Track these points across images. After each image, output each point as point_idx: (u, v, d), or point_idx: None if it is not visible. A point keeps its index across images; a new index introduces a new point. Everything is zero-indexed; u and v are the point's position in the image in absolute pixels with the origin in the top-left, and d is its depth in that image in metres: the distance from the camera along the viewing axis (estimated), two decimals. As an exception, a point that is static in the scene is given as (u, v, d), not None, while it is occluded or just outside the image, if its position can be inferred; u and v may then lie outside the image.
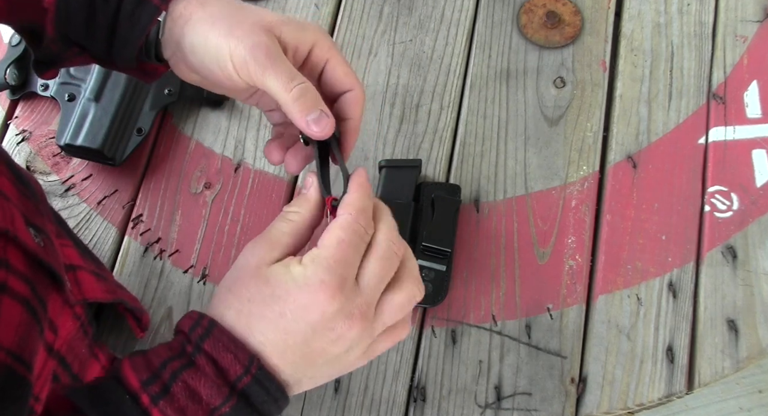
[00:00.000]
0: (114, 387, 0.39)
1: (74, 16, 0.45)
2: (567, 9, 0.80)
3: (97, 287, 0.58)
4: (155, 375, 0.39)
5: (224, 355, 0.39)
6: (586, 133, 0.75)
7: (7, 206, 0.42)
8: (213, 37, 0.42)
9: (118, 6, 0.44)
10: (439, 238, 0.67)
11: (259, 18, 0.43)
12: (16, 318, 0.39)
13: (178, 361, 0.39)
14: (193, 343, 0.40)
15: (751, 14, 0.80)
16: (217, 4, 0.44)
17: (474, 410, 0.66)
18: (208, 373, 0.39)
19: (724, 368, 0.67)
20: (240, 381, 0.39)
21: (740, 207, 0.72)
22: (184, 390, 0.38)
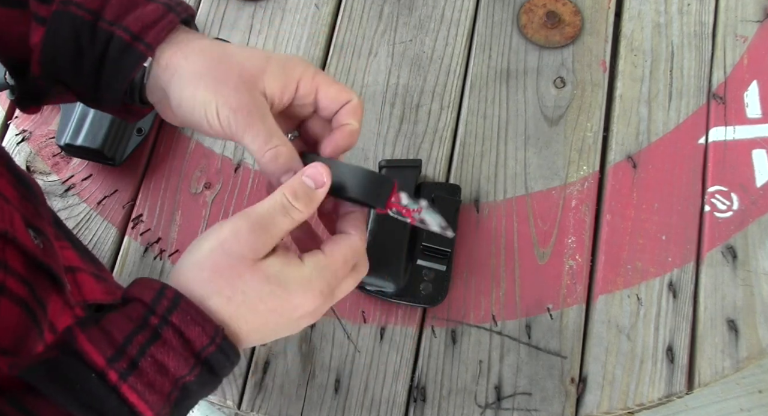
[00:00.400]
0: (75, 365, 0.38)
1: (60, 57, 0.45)
2: (567, 9, 0.80)
3: (97, 288, 0.58)
4: (121, 351, 0.38)
5: (192, 328, 0.39)
6: (586, 133, 0.75)
7: (6, 208, 0.42)
8: (200, 94, 0.43)
9: (105, 49, 0.44)
10: (439, 238, 0.67)
11: (241, 71, 0.44)
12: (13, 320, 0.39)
13: (143, 335, 0.39)
14: (159, 316, 0.39)
15: (751, 14, 0.80)
16: (200, 56, 0.44)
17: (474, 410, 0.66)
18: (175, 346, 0.39)
19: (724, 368, 0.67)
20: (205, 350, 0.40)
21: (740, 207, 0.72)
22: (152, 365, 0.38)
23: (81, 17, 0.44)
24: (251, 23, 0.80)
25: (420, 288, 0.67)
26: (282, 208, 0.42)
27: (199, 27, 0.80)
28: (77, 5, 0.44)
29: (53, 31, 0.44)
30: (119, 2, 0.44)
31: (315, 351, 0.67)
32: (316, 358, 0.67)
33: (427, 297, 0.67)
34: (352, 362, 0.67)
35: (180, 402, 0.40)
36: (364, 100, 0.77)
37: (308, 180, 0.43)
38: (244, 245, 0.41)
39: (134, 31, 0.44)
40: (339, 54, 0.79)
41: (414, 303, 0.68)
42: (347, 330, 0.68)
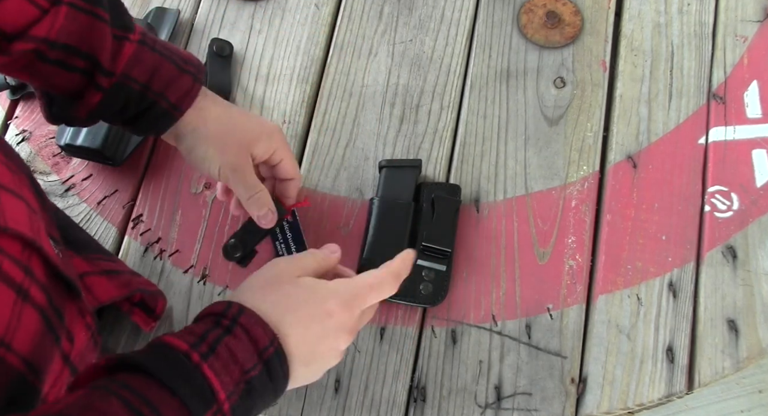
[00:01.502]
0: (166, 349, 0.45)
1: (108, 111, 0.57)
2: (567, 9, 0.80)
3: (110, 286, 0.59)
4: (201, 339, 0.46)
5: (256, 328, 0.48)
6: (586, 133, 0.75)
7: (34, 217, 0.46)
8: (210, 153, 0.60)
9: (146, 110, 0.57)
10: (439, 238, 0.68)
11: (241, 139, 0.61)
12: (33, 327, 0.41)
13: (217, 331, 0.47)
14: (229, 318, 0.48)
15: (751, 14, 0.80)
16: (214, 123, 0.60)
17: (474, 410, 0.66)
18: (243, 341, 0.47)
19: (724, 368, 0.67)
20: (266, 351, 0.47)
21: (740, 207, 0.72)
22: (226, 352, 0.46)
23: (133, 88, 0.56)
24: (251, 23, 0.80)
25: (420, 288, 0.67)
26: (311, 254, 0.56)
27: (198, 27, 0.80)
28: (132, 79, 0.55)
29: (110, 97, 0.55)
30: (162, 77, 0.57)
31: (315, 351, 0.67)
32: (316, 358, 0.67)
33: (427, 297, 0.67)
34: (352, 362, 0.67)
35: (245, 396, 0.46)
36: (365, 100, 0.77)
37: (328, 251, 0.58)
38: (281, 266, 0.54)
39: (172, 101, 0.58)
40: (339, 54, 0.79)
41: (414, 303, 0.68)
42: (347, 330, 0.68)
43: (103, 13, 0.53)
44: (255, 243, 0.68)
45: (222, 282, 0.70)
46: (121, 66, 0.55)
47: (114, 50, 0.54)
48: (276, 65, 0.78)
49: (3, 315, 0.39)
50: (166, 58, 0.57)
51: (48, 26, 0.51)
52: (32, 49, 0.51)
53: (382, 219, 0.69)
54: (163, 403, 0.42)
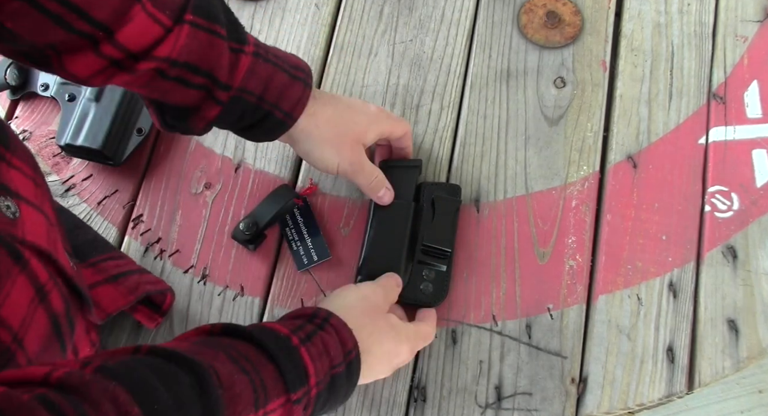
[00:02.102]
0: (268, 329, 0.50)
1: (225, 123, 0.59)
2: (567, 9, 0.80)
3: (117, 294, 0.60)
4: (299, 328, 0.51)
5: (344, 331, 0.54)
6: (587, 133, 0.75)
7: (51, 231, 0.47)
8: (326, 154, 0.64)
9: (261, 120, 0.59)
10: (440, 238, 0.67)
11: (354, 135, 0.64)
12: (42, 331, 0.42)
13: (311, 326, 0.52)
14: (321, 318, 0.54)
15: (751, 14, 0.80)
16: (326, 126, 0.63)
17: (474, 410, 0.66)
18: (334, 338, 0.52)
19: (725, 368, 0.67)
20: (350, 353, 0.53)
21: (740, 207, 0.72)
22: (320, 342, 0.51)
23: (249, 101, 0.57)
24: (251, 23, 0.80)
25: (420, 288, 0.67)
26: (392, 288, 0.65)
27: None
28: (249, 92, 0.57)
29: (228, 110, 0.57)
30: (276, 87, 0.58)
31: (315, 351, 0.67)
32: (316, 358, 0.67)
33: (428, 297, 0.67)
34: (353, 362, 0.67)
35: (328, 388, 0.51)
36: (365, 100, 0.77)
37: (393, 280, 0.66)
38: (380, 300, 0.61)
39: (286, 110, 0.59)
40: (339, 54, 0.79)
41: (414, 303, 0.68)
42: (347, 330, 0.68)
43: (221, 29, 0.54)
44: (265, 227, 0.68)
45: (222, 282, 0.70)
46: (239, 80, 0.56)
47: (231, 64, 0.55)
48: (276, 65, 0.78)
49: (20, 309, 0.40)
50: (278, 68, 0.59)
51: (171, 46, 0.51)
52: (155, 68, 0.52)
53: (382, 219, 0.69)
54: (265, 369, 0.46)
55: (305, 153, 0.64)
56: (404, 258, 0.67)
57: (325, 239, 0.71)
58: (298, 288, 0.70)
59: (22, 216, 0.43)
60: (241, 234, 0.68)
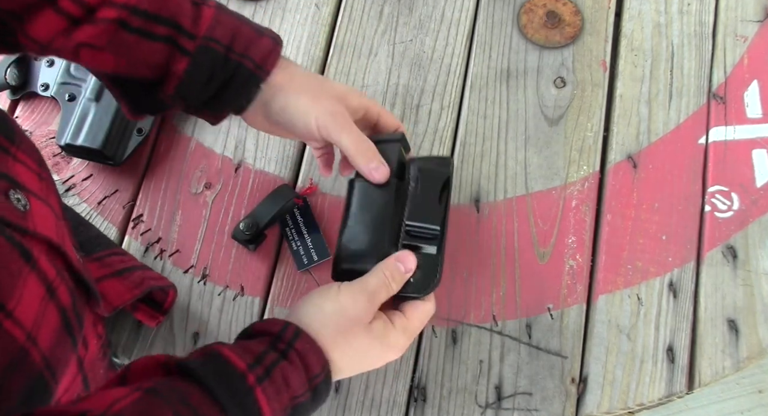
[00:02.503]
0: (224, 364, 0.46)
1: (196, 82, 0.55)
2: (567, 9, 0.80)
3: (123, 289, 0.60)
4: (258, 361, 0.47)
5: (311, 356, 0.50)
6: (587, 133, 0.75)
7: (59, 224, 0.47)
8: (302, 105, 0.57)
9: (233, 75, 0.55)
10: (424, 215, 0.58)
11: (333, 90, 0.58)
12: (53, 326, 0.42)
13: (273, 354, 0.48)
14: (285, 342, 0.50)
15: (751, 14, 0.80)
16: (301, 76, 0.58)
17: (474, 410, 0.66)
18: (298, 367, 0.49)
19: (725, 368, 0.67)
20: (316, 378, 0.49)
21: (740, 207, 0.72)
22: (280, 378, 0.47)
23: (217, 51, 0.54)
24: (251, 23, 0.80)
25: None
26: (386, 285, 0.54)
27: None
28: (216, 41, 0.54)
29: (196, 63, 0.53)
30: (244, 38, 0.55)
31: (315, 351, 0.67)
32: (316, 358, 0.67)
33: (415, 286, 0.57)
34: (353, 362, 0.67)
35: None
36: (365, 100, 0.77)
37: (399, 264, 0.55)
38: (361, 312, 0.53)
39: (257, 61, 0.55)
40: (339, 54, 0.79)
41: (402, 294, 0.57)
42: (347, 330, 0.68)
43: None
44: (265, 227, 0.68)
45: (222, 282, 0.70)
46: (204, 28, 0.53)
47: (194, 15, 0.53)
48: (276, 65, 0.78)
49: (33, 308, 0.40)
50: (243, 22, 0.56)
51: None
52: (116, 18, 0.50)
53: (360, 203, 0.59)
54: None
55: (280, 110, 0.57)
56: (386, 243, 0.57)
57: (325, 239, 0.71)
58: (298, 288, 0.70)
59: (32, 209, 0.44)
60: (241, 234, 0.69)
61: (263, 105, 0.58)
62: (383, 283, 0.54)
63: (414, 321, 0.56)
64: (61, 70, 0.75)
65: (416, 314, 0.57)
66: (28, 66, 0.76)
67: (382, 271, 0.55)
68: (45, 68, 0.75)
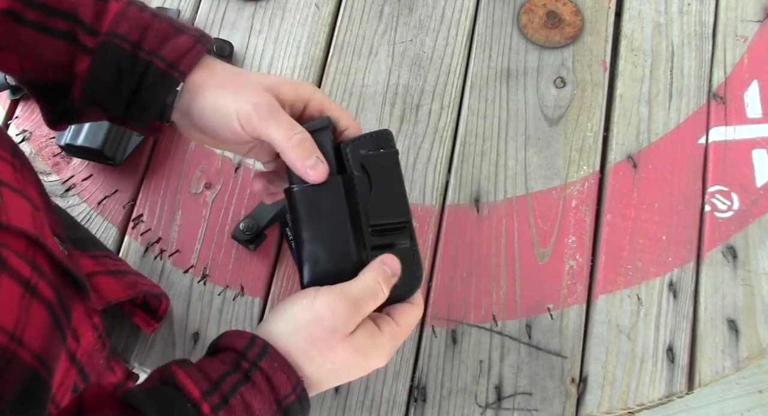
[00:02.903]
0: (174, 394, 0.42)
1: (102, 84, 0.50)
2: (567, 9, 0.80)
3: (117, 287, 0.59)
4: (214, 387, 0.43)
5: (278, 375, 0.45)
6: (587, 133, 0.75)
7: (37, 215, 0.45)
8: (221, 100, 0.49)
9: (143, 76, 0.49)
10: (388, 209, 0.51)
11: (259, 82, 0.50)
12: (42, 323, 0.41)
13: (235, 376, 0.44)
14: (249, 361, 0.45)
15: (751, 14, 0.80)
16: (223, 72, 0.51)
17: (474, 410, 0.66)
18: (263, 390, 0.44)
19: (725, 368, 0.67)
20: (287, 399, 0.45)
21: (741, 207, 0.72)
22: (240, 403, 0.43)
23: (123, 48, 0.48)
24: (251, 23, 0.80)
25: None
26: (374, 292, 0.48)
27: (199, 27, 0.80)
28: (120, 37, 0.48)
29: (98, 62, 0.49)
30: (156, 34, 0.49)
31: (315, 351, 0.67)
32: (316, 358, 0.67)
33: (400, 286, 0.51)
34: (353, 362, 0.67)
35: None
36: (365, 100, 0.77)
37: (388, 269, 0.49)
38: (339, 322, 0.46)
39: (170, 60, 0.49)
40: (339, 54, 0.79)
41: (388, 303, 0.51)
42: (347, 330, 0.68)
43: None
44: (265, 227, 0.67)
45: (222, 282, 0.70)
46: (107, 23, 0.48)
47: (97, 9, 0.48)
48: (276, 65, 0.78)
49: (11, 310, 0.39)
50: (159, 18, 0.50)
51: None
52: (7, 9, 0.47)
53: (308, 210, 0.50)
54: None
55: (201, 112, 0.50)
56: (356, 255, 0.50)
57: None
58: (297, 288, 0.70)
59: (4, 202, 0.41)
60: (241, 234, 0.69)
61: (186, 110, 0.51)
62: (372, 291, 0.48)
63: (404, 328, 0.50)
64: (61, 70, 0.75)
65: (407, 319, 0.51)
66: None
67: (372, 277, 0.48)
68: (45, 68, 0.76)
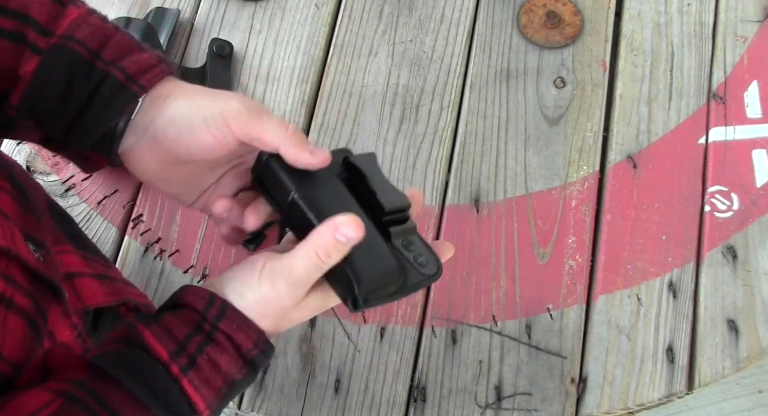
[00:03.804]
0: (142, 357, 0.43)
1: (48, 90, 0.45)
2: (567, 9, 0.80)
3: (99, 292, 0.58)
4: (181, 348, 0.44)
5: (238, 334, 0.45)
6: (586, 133, 0.75)
7: (7, 225, 0.43)
8: (197, 103, 0.45)
9: (97, 87, 0.45)
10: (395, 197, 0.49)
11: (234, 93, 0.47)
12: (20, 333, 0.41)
13: (199, 336, 0.44)
14: (209, 323, 0.45)
15: (751, 14, 0.80)
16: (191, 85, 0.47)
17: (474, 410, 0.66)
18: (227, 348, 0.45)
19: (725, 368, 0.67)
20: (250, 353, 0.46)
21: (740, 207, 0.72)
22: (207, 363, 0.44)
23: (79, 53, 0.44)
24: (251, 23, 0.80)
25: (418, 264, 0.49)
26: (316, 267, 0.44)
27: (198, 27, 0.80)
28: (78, 42, 0.44)
29: (48, 64, 0.44)
30: (117, 45, 0.45)
31: (315, 351, 0.67)
32: (316, 358, 0.67)
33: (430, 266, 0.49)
34: (352, 362, 0.67)
35: (227, 395, 0.46)
36: (365, 100, 0.77)
37: (341, 237, 0.43)
38: (286, 299, 0.46)
39: (130, 72, 0.45)
40: (339, 54, 0.79)
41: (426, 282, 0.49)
42: (347, 330, 0.68)
43: None
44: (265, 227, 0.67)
45: (222, 282, 0.70)
46: (64, 26, 0.44)
47: (54, 11, 0.44)
48: (276, 65, 0.78)
49: None
50: (122, 33, 0.46)
51: None
52: None
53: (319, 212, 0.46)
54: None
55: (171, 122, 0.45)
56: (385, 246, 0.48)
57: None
58: (298, 288, 0.70)
59: None
60: None
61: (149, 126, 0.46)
62: (314, 265, 0.44)
63: None
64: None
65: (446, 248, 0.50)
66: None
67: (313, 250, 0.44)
68: (45, 68, 0.75)
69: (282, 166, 0.47)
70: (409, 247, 0.49)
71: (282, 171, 0.47)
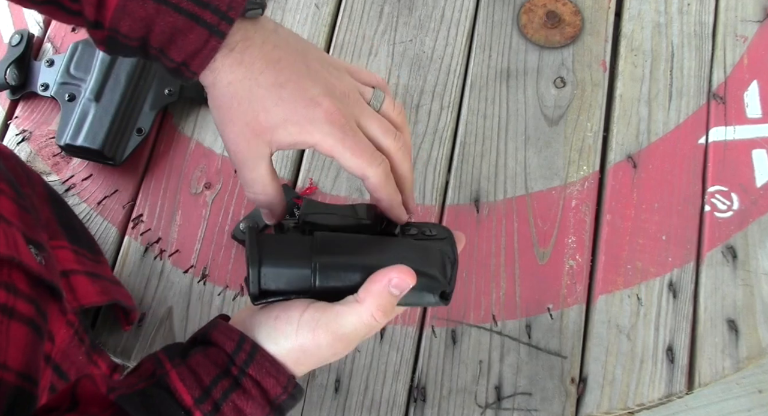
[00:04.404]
0: (167, 400, 0.42)
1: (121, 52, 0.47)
2: (567, 9, 0.80)
3: (92, 290, 0.59)
4: (206, 393, 0.42)
5: (267, 379, 0.43)
6: (586, 133, 0.75)
7: (9, 231, 0.43)
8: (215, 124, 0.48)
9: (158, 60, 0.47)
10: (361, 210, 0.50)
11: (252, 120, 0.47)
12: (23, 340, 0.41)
13: (226, 381, 0.43)
14: (237, 367, 0.43)
15: (751, 14, 0.80)
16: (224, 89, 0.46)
17: (474, 410, 0.66)
18: (254, 395, 0.43)
19: (724, 368, 0.67)
20: (279, 398, 0.44)
21: (740, 207, 0.72)
22: (232, 410, 0.42)
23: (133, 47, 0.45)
24: (251, 23, 0.80)
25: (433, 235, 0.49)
26: (369, 327, 0.44)
27: None
28: (123, 35, 0.44)
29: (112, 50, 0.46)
30: (162, 31, 0.44)
31: (315, 351, 0.67)
32: (316, 358, 0.67)
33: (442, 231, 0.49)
34: (352, 362, 0.67)
35: None
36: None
37: (395, 290, 0.43)
38: (325, 352, 0.44)
39: (178, 61, 0.45)
40: (339, 54, 0.79)
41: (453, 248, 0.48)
42: (347, 330, 0.68)
43: None
44: (266, 227, 0.68)
45: (222, 283, 0.70)
46: (108, 18, 0.44)
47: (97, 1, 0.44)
48: (276, 65, 0.78)
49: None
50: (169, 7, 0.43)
51: None
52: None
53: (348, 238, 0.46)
54: None
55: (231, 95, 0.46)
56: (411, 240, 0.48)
57: (325, 239, 0.71)
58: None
59: None
60: (240, 234, 0.69)
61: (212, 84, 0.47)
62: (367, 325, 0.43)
63: None
64: (61, 70, 0.75)
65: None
66: (27, 66, 0.76)
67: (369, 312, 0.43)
68: (45, 68, 0.75)
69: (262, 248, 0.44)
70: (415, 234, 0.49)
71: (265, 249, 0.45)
